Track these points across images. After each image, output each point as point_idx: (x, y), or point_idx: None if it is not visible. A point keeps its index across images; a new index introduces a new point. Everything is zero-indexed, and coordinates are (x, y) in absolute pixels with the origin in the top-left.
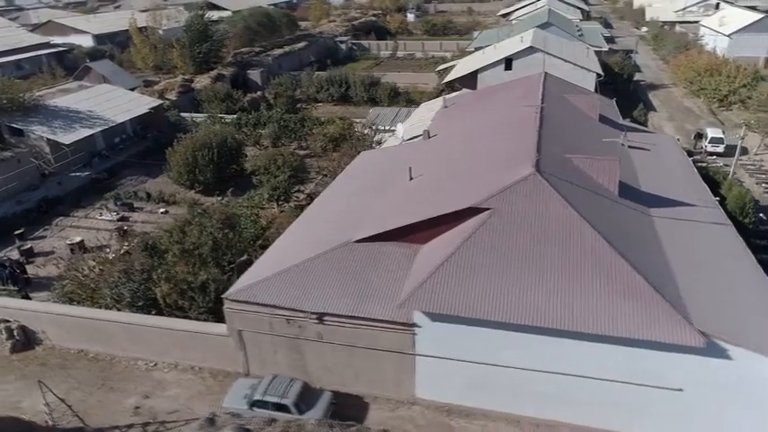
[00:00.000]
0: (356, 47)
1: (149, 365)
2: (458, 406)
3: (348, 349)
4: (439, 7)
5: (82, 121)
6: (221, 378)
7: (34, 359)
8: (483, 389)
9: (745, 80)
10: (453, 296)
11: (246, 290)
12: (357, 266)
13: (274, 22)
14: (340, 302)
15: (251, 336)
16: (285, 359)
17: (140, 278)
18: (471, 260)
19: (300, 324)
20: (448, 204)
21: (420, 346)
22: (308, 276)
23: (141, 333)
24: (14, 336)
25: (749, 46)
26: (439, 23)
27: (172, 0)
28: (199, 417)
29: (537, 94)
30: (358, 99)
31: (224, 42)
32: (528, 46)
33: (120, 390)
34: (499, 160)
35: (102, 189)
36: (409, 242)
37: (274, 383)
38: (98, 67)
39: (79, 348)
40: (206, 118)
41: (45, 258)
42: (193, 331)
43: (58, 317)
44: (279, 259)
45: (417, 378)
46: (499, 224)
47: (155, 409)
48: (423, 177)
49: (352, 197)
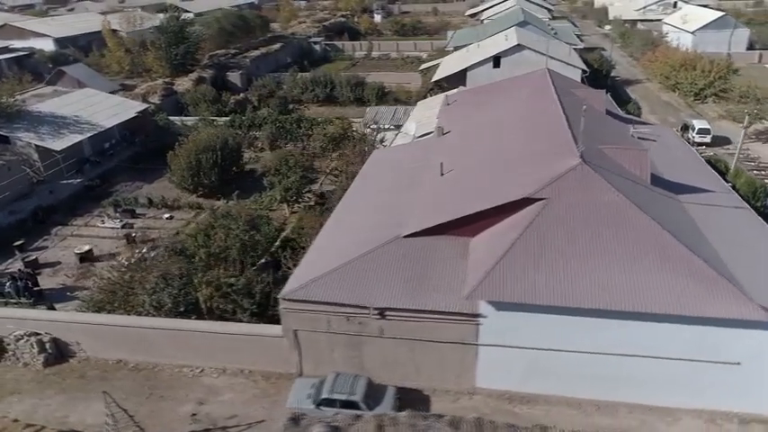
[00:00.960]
0: (330, 48)
1: (196, 372)
2: (518, 393)
3: (409, 343)
4: (403, 8)
5: (69, 126)
6: (274, 380)
7: (71, 372)
8: (544, 374)
9: (720, 74)
10: (519, 284)
11: (303, 289)
12: (411, 261)
13: (248, 24)
14: (401, 297)
15: (307, 335)
16: (342, 357)
17: (180, 283)
18: (533, 248)
19: (361, 320)
20: (498, 197)
21: (484, 335)
22: (363, 273)
23: (187, 339)
24: (47, 349)
25: (711, 42)
26: (408, 24)
27: (129, 2)
28: (260, 420)
29: (549, 90)
30: (344, 99)
31: (200, 44)
32: (516, 44)
33: (171, 398)
34: (536, 153)
35: (96, 196)
36: (458, 235)
37: (339, 381)
38: (72, 71)
39: (118, 359)
40: (197, 121)
41: (53, 269)
42: (244, 334)
43: (95, 327)
44: (326, 258)
45: (479, 368)
46: (555, 213)
47: (212, 415)
48: (454, 173)
49: (383, 194)
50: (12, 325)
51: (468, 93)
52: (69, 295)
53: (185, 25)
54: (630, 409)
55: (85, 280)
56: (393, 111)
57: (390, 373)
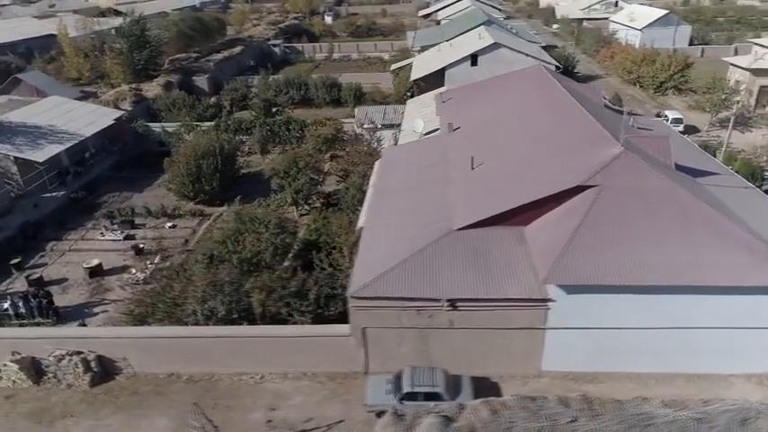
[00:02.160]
0: (289, 50)
1: (257, 378)
2: (581, 372)
3: (477, 332)
4: (350, 9)
5: (47, 136)
6: (340, 380)
7: (121, 390)
8: (606, 352)
9: (679, 68)
10: (588, 267)
11: (371, 286)
12: (469, 252)
13: (206, 27)
14: (471, 287)
15: (375, 332)
16: (409, 351)
17: (230, 289)
18: (595, 231)
19: (432, 313)
20: (548, 186)
21: (552, 319)
22: (425, 267)
23: (245, 345)
24: (92, 368)
25: (658, 38)
26: (363, 25)
27: (59, 6)
28: (339, 420)
29: (555, 85)
30: (320, 101)
31: (161, 49)
32: (493, 42)
33: (238, 407)
34: (571, 144)
35: (83, 208)
36: (510, 225)
37: (417, 374)
38: (29, 78)
39: (169, 372)
40: (179, 127)
41: (60, 286)
42: (308, 335)
43: (144, 340)
44: (380, 256)
45: (545, 351)
46: (609, 198)
47: (288, 419)
48: (485, 166)
49: (414, 191)
50: (49, 345)
51: (461, 90)
52: (87, 312)
53: (146, 29)
54: (687, 378)
55: (100, 295)
56: (383, 110)
57: (458, 363)
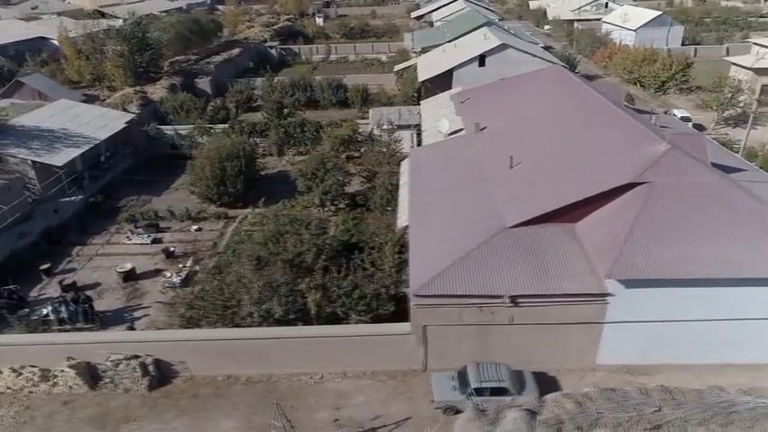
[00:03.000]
0: (285, 52)
1: (316, 379)
2: (635, 365)
3: (536, 328)
4: (339, 11)
5: (62, 140)
6: (400, 378)
7: (181, 393)
8: (660, 345)
9: (680, 67)
10: (648, 261)
11: (432, 284)
12: (523, 249)
13: (203, 29)
14: (528, 283)
15: (435, 330)
16: (469, 348)
17: (286, 290)
18: (650, 226)
19: (493, 310)
20: (598, 183)
21: (610, 313)
22: (483, 264)
23: (303, 346)
24: (150, 371)
25: (652, 38)
26: (356, 26)
27: (42, 8)
28: (406, 417)
29: (578, 84)
30: (325, 103)
31: (162, 51)
32: (501, 43)
33: (302, 407)
34: (613, 142)
35: (103, 213)
36: (560, 222)
37: (483, 370)
38: (31, 81)
39: (227, 374)
40: (192, 129)
41: (95, 291)
42: (369, 335)
43: (202, 343)
44: (434, 255)
45: (601, 345)
46: (660, 193)
47: (354, 418)
48: (524, 165)
49: (453, 190)
50: (104, 350)
51: (478, 91)
52: (127, 316)
53: (147, 31)
54: (738, 368)
55: (137, 299)
56: (398, 111)
57: (516, 358)
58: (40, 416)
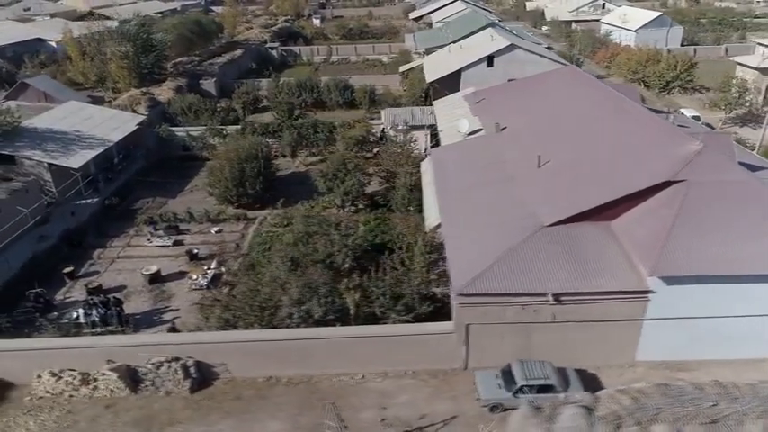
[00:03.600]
0: (286, 53)
1: (357, 378)
2: (673, 361)
3: (577, 325)
4: (335, 12)
5: (75, 142)
6: (441, 377)
7: (223, 395)
8: (699, 340)
9: (685, 67)
10: (689, 258)
11: (475, 283)
12: (562, 248)
13: (205, 30)
14: (569, 281)
15: (478, 328)
16: (511, 346)
17: (325, 290)
18: (690, 224)
19: (536, 308)
20: (634, 182)
21: (650, 310)
22: (524, 263)
23: (344, 346)
24: (191, 374)
25: (651, 39)
26: (355, 27)
27: (35, 10)
28: (452, 416)
29: (598, 85)
30: (332, 103)
31: (166, 53)
32: (509, 44)
33: (346, 407)
34: (643, 141)
35: (119, 215)
36: (596, 220)
37: (528, 368)
38: (37, 83)
39: (267, 375)
40: (204, 131)
41: (121, 294)
42: (411, 334)
43: (244, 344)
44: (473, 254)
45: (641, 341)
46: (697, 191)
47: (400, 417)
48: (551, 164)
49: (481, 189)
50: (144, 352)
51: (492, 91)
52: (157, 319)
53: (152, 33)
54: None
55: (165, 301)
56: (410, 111)
57: (557, 355)
58: (82, 420)
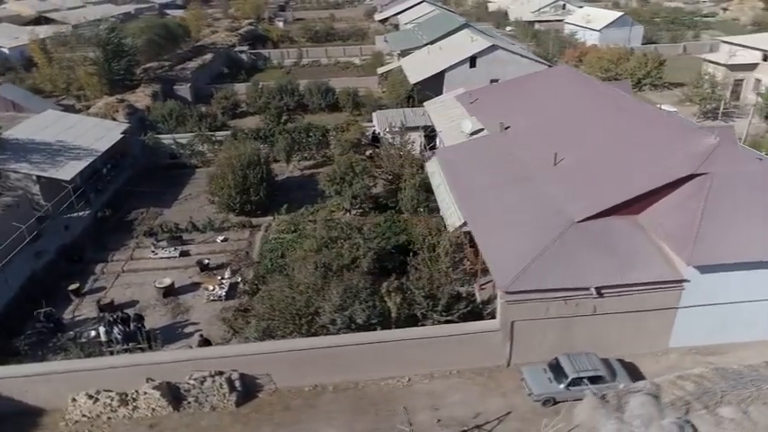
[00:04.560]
0: (255, 56)
1: (404, 382)
2: (704, 346)
3: (615, 316)
4: (295, 15)
5: (62, 153)
6: (487, 375)
7: (270, 407)
8: (727, 324)
9: (655, 65)
10: (721, 247)
11: (519, 280)
12: (595, 242)
13: (173, 34)
14: (607, 274)
15: (522, 325)
16: (551, 341)
17: (366, 295)
18: (717, 214)
19: (578, 302)
20: (661, 175)
21: (684, 298)
22: (562, 258)
23: (389, 350)
24: (236, 387)
25: (614, 38)
26: (321, 30)
27: None
28: (507, 412)
29: (592, 83)
30: (314, 107)
31: (137, 58)
32: (491, 44)
33: (400, 411)
34: (656, 137)
35: (114, 227)
36: (623, 214)
37: (576, 361)
38: (4, 92)
39: (313, 384)
40: (192, 137)
41: (134, 309)
42: (456, 334)
43: (289, 354)
44: (508, 252)
45: (674, 329)
46: (720, 183)
47: (456, 417)
48: (567, 162)
49: (501, 189)
50: (185, 368)
51: (485, 91)
52: (179, 333)
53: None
54: None
55: (183, 314)
56: (403, 113)
57: (595, 347)
58: None
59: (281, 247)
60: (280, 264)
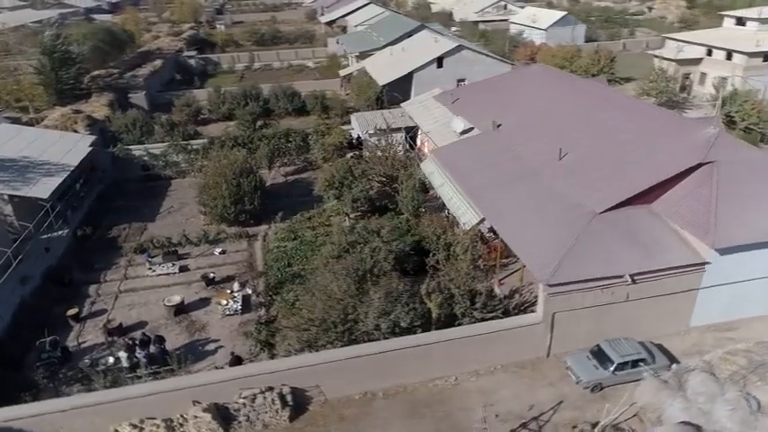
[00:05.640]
0: (204, 61)
1: (451, 381)
2: (720, 323)
3: (643, 301)
4: (234, 18)
5: (31, 169)
6: (530, 368)
7: (324, 418)
8: (739, 301)
9: (607, 61)
10: (739, 229)
11: (558, 272)
12: (619, 231)
13: (118, 40)
14: (636, 261)
15: (561, 316)
16: (586, 329)
17: (407, 297)
18: (728, 198)
19: (613, 290)
20: (670, 166)
21: (705, 279)
22: (590, 249)
23: (435, 351)
24: (287, 402)
25: (559, 36)
26: (267, 33)
27: None
28: (559, 402)
29: (574, 80)
30: (280, 111)
31: (86, 66)
32: (458, 44)
33: (455, 410)
34: (659, 129)
35: (97, 246)
36: (638, 204)
37: (617, 346)
38: None
39: (363, 391)
40: (167, 147)
41: (145, 330)
42: (500, 330)
43: (339, 363)
44: (538, 246)
45: (695, 309)
46: (726, 170)
47: (513, 411)
48: (571, 156)
49: (512, 185)
50: (232, 387)
51: (466, 90)
52: (202, 351)
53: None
54: None
55: (200, 332)
56: (381, 115)
57: (625, 332)
58: None
59: (287, 256)
60: (290, 273)
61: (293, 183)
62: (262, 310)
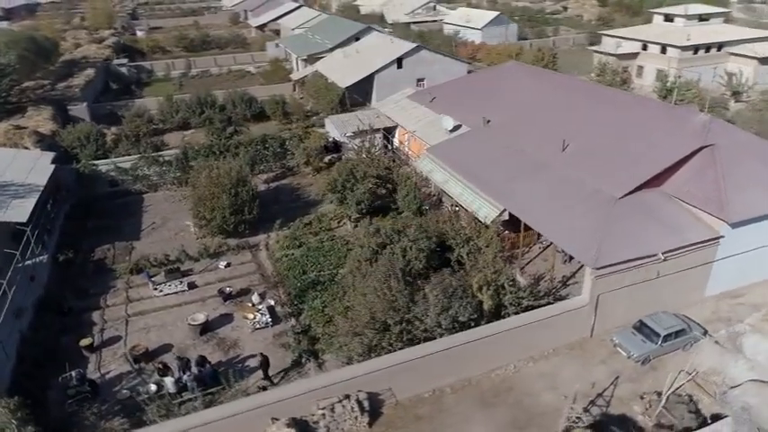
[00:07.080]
0: (136, 69)
1: (511, 370)
2: (731, 291)
3: (670, 276)
4: (152, 24)
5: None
6: (579, 349)
7: (400, 419)
8: (744, 269)
9: (550, 58)
10: (748, 204)
11: (602, 257)
12: (639, 213)
13: (42, 48)
14: (667, 239)
15: (604, 297)
16: (624, 306)
17: (461, 292)
18: (731, 178)
19: (648, 268)
20: (676, 150)
21: (719, 252)
22: (618, 232)
23: (493, 343)
24: (365, 407)
25: (494, 35)
26: (197, 38)
27: None
28: (616, 377)
29: (555, 76)
30: (238, 117)
31: (16, 78)
32: (417, 45)
33: (523, 396)
34: (652, 118)
35: (82, 270)
36: (649, 187)
37: (659, 320)
38: None
39: (431, 389)
40: (137, 160)
41: (174, 351)
42: (551, 316)
43: (409, 363)
44: (571, 234)
45: (710, 279)
46: (723, 151)
47: (579, 391)
48: (573, 146)
49: (523, 178)
50: (308, 399)
51: (439, 89)
52: (244, 368)
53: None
54: None
55: (235, 349)
56: (356, 116)
57: (655, 306)
58: None
59: (299, 264)
60: (308, 280)
61: (277, 189)
62: (292, 320)
